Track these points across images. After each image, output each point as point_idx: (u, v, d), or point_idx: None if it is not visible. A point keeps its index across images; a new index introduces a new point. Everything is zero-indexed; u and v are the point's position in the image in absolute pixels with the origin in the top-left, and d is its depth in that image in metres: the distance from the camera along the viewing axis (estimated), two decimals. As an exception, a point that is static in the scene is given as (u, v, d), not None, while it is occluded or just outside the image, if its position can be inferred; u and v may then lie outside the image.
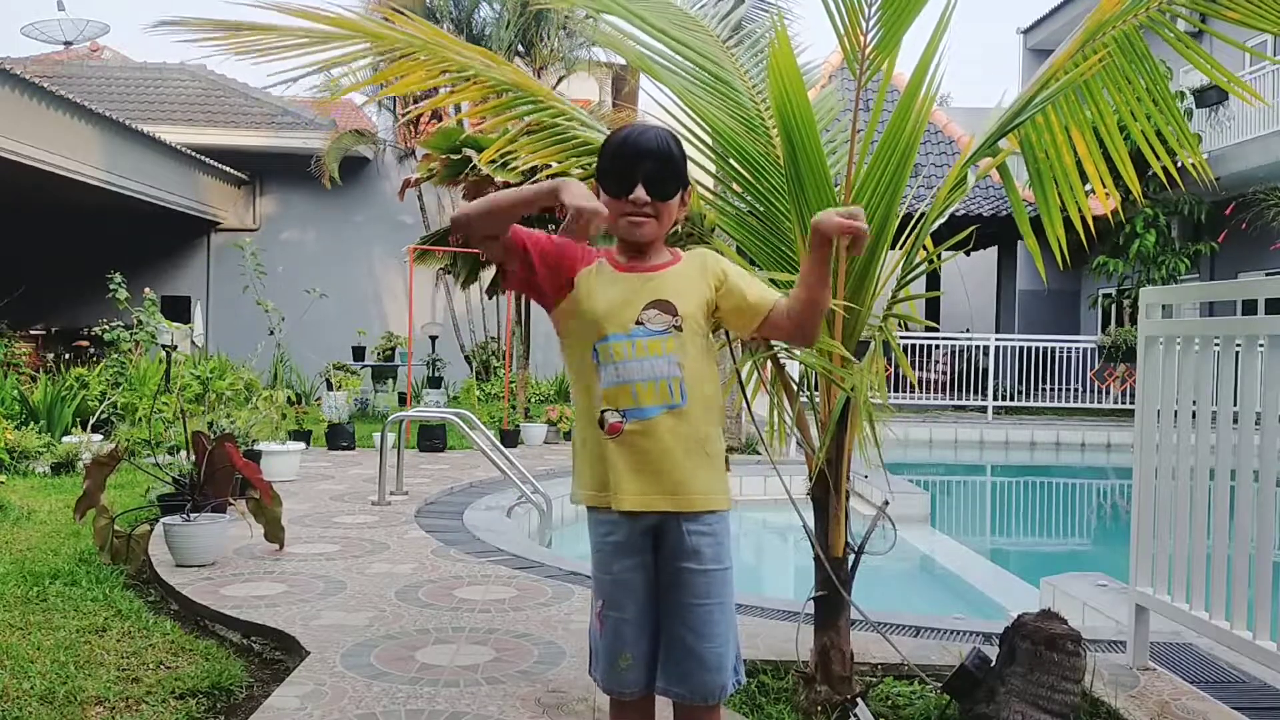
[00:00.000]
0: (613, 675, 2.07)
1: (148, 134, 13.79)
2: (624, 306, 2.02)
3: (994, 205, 15.92)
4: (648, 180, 2.00)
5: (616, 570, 2.06)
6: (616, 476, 2.00)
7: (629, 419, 1.99)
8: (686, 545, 2.02)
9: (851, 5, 2.80)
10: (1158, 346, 3.42)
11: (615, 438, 2.00)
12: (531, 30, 15.60)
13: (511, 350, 11.93)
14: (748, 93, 3.28)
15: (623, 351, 2.00)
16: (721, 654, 2.04)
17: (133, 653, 3.50)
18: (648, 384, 1.99)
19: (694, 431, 2.02)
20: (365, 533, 5.64)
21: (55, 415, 8.89)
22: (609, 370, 2.00)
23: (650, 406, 1.99)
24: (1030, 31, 22.71)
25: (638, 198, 2.00)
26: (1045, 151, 3.04)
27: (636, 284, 2.04)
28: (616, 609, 2.05)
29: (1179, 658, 3.58)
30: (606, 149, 2.06)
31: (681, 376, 2.01)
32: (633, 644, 2.05)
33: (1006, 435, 14.02)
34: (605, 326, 2.01)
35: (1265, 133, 14.12)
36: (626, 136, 2.04)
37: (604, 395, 2.01)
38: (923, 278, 2.98)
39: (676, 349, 2.01)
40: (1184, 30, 2.98)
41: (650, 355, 2.00)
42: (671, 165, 2.03)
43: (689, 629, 2.02)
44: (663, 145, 2.03)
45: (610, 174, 2.03)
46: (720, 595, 2.04)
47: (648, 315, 2.01)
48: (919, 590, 6.88)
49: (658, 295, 2.02)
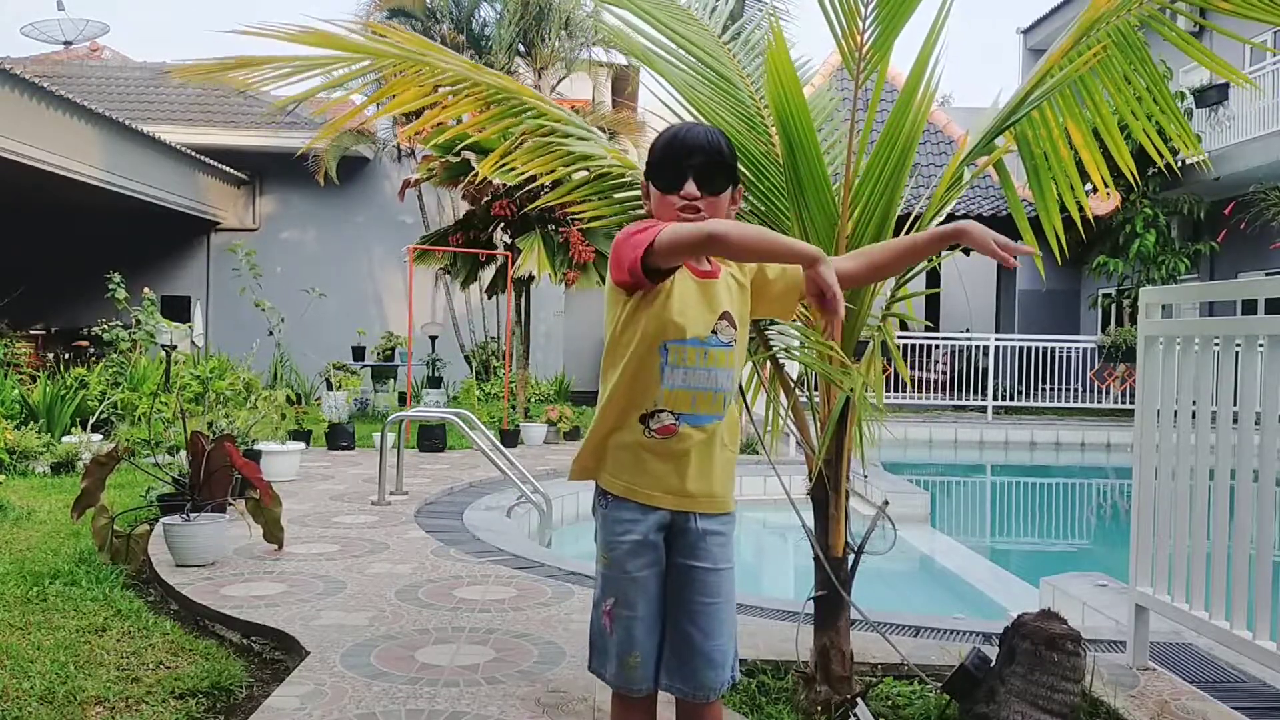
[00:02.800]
0: (623, 674, 2.08)
1: (148, 134, 13.77)
2: (705, 311, 2.03)
3: (994, 205, 15.93)
4: (698, 175, 2.01)
5: (632, 569, 2.06)
6: (654, 476, 2.03)
7: (683, 423, 2.01)
8: (700, 546, 2.06)
9: (848, 5, 2.80)
10: (1158, 346, 3.42)
11: (664, 439, 2.01)
12: (532, 30, 15.59)
13: (511, 350, 11.92)
14: (748, 90, 3.27)
15: (695, 358, 2.01)
16: (725, 651, 2.07)
17: (133, 653, 3.50)
18: (707, 394, 2.02)
19: (726, 441, 2.09)
20: (365, 533, 5.64)
21: (55, 415, 8.88)
22: (677, 373, 2.00)
23: (705, 415, 2.03)
24: (1030, 31, 22.72)
25: (688, 192, 2.01)
26: (1043, 147, 3.03)
27: (710, 290, 2.05)
28: (629, 608, 2.06)
29: (1179, 658, 3.58)
30: (656, 145, 2.08)
31: (730, 390, 2.06)
32: (642, 642, 2.06)
33: (1006, 435, 14.02)
34: (687, 329, 2.00)
35: (1265, 133, 14.11)
36: (676, 133, 2.06)
37: (665, 396, 2.01)
38: (921, 276, 2.97)
39: (735, 363, 2.06)
40: (1184, 28, 2.98)
41: (718, 366, 2.03)
42: (721, 160, 2.04)
43: (697, 627, 2.05)
44: (712, 141, 2.04)
45: (661, 169, 2.04)
46: (726, 594, 2.10)
47: (721, 325, 2.03)
48: (919, 590, 6.88)
49: (726, 306, 2.05)
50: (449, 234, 11.25)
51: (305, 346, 13.99)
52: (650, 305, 2.00)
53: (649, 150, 2.11)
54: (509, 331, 12.10)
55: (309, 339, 14.55)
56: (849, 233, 2.89)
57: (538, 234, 10.51)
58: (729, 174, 2.06)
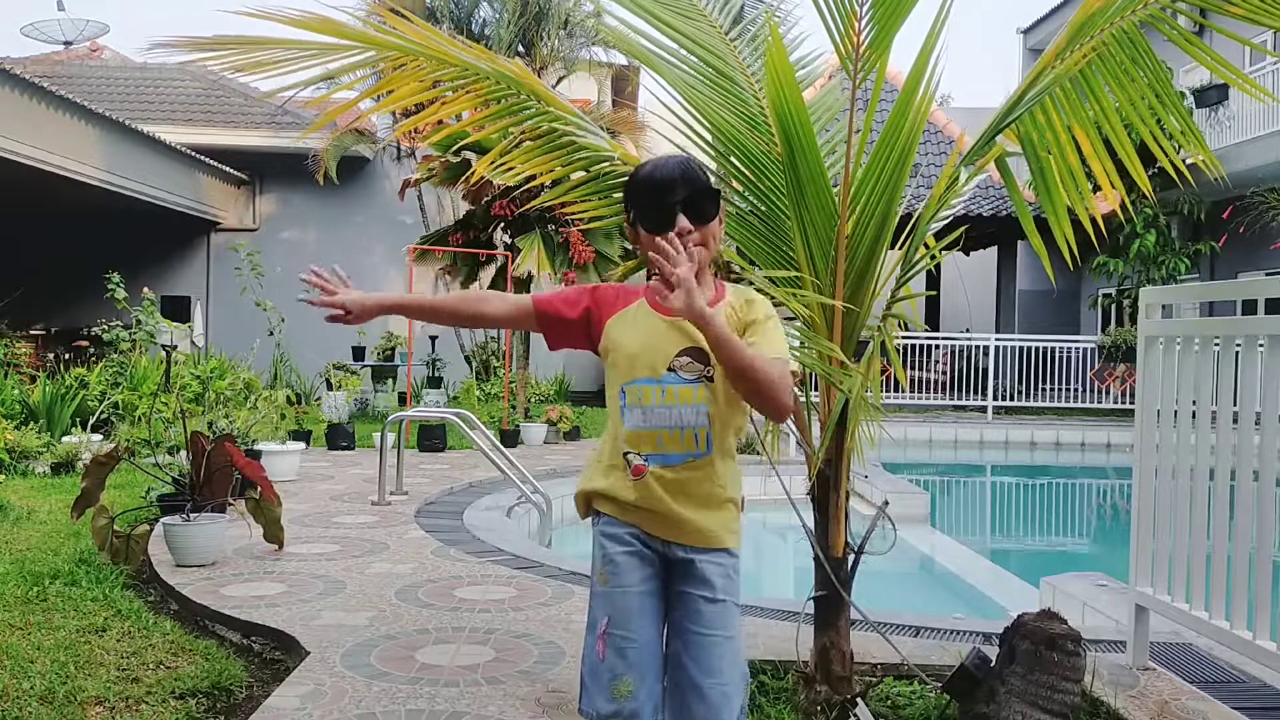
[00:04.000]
0: (612, 702, 1.93)
1: (148, 134, 13.78)
2: (656, 351, 1.97)
3: (994, 205, 15.92)
4: (687, 207, 1.95)
5: (626, 584, 1.98)
6: (634, 499, 1.98)
7: (651, 463, 1.97)
8: (697, 572, 1.98)
9: (845, 6, 2.80)
10: (1158, 346, 3.42)
11: (637, 479, 1.98)
12: (531, 30, 15.60)
13: (511, 350, 11.92)
14: (750, 89, 3.26)
15: (651, 397, 1.96)
16: (726, 692, 1.93)
17: (133, 653, 3.50)
18: (674, 431, 1.95)
19: (713, 480, 1.99)
20: (365, 533, 5.64)
21: (55, 415, 8.88)
22: (634, 414, 1.97)
23: (674, 454, 1.96)
24: (1030, 31, 22.73)
25: (683, 228, 1.94)
26: (1049, 151, 3.02)
27: (673, 328, 1.97)
28: (622, 628, 1.96)
29: (1179, 658, 3.58)
30: (635, 189, 2.01)
31: (709, 427, 1.96)
32: (635, 666, 1.93)
33: (1006, 435, 14.02)
34: (636, 370, 1.97)
35: (1265, 133, 14.11)
36: (651, 172, 1.99)
37: (628, 437, 1.98)
38: (922, 276, 2.96)
39: (706, 399, 1.96)
40: (1185, 26, 2.97)
41: (680, 404, 1.95)
42: (705, 188, 1.99)
43: (693, 659, 1.94)
44: (688, 169, 1.98)
45: (646, 212, 1.97)
46: (728, 629, 1.97)
47: (680, 362, 1.96)
48: (919, 590, 6.88)
49: (693, 342, 1.94)
50: (449, 234, 11.26)
51: (305, 346, 13.98)
52: (607, 354, 2.03)
53: (625, 196, 2.06)
54: (509, 331, 12.10)
55: (309, 339, 14.55)
56: (849, 233, 2.89)
57: (537, 234, 10.52)
58: (714, 196, 2.01)
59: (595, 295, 2.08)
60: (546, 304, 2.07)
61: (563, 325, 2.08)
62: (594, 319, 2.06)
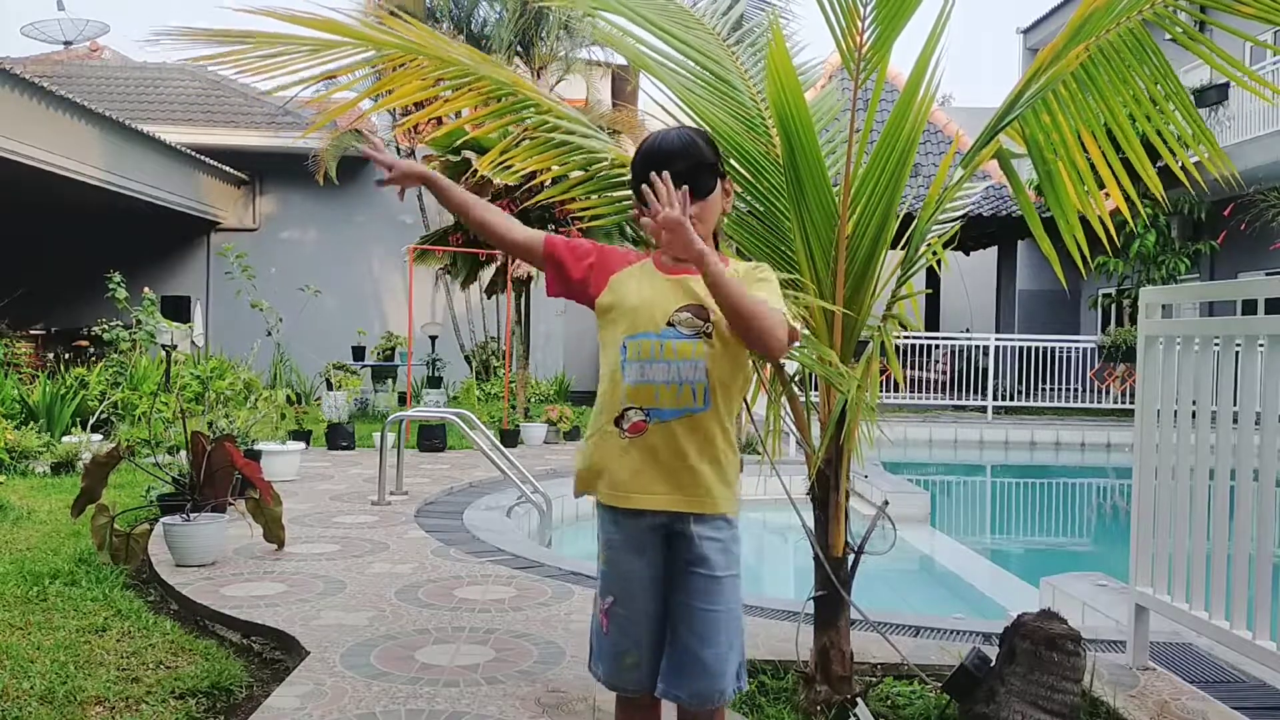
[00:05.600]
0: (616, 673, 2.08)
1: (148, 134, 13.77)
2: (657, 306, 2.03)
3: (994, 205, 15.93)
4: (685, 180, 1.99)
5: (625, 567, 2.06)
6: (628, 475, 2.02)
7: (652, 418, 2.01)
8: (695, 550, 2.03)
9: (848, 5, 2.80)
10: (1158, 346, 3.42)
11: (636, 436, 2.01)
12: (531, 30, 15.59)
13: (511, 350, 11.93)
14: (748, 91, 3.27)
15: (650, 350, 2.01)
16: (724, 659, 2.03)
17: (133, 652, 3.50)
18: (670, 386, 2.00)
19: (710, 437, 2.03)
20: (365, 533, 5.64)
21: (55, 415, 8.88)
22: (634, 368, 2.02)
23: (670, 409, 2.01)
24: (1030, 31, 22.74)
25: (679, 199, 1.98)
26: (1055, 153, 3.01)
27: (675, 286, 2.05)
28: (624, 606, 2.06)
29: (1179, 657, 3.58)
30: (635, 163, 2.07)
31: (706, 383, 2.01)
32: (638, 642, 2.05)
33: (1006, 435, 14.02)
34: (637, 324, 2.03)
35: (1265, 133, 14.11)
36: (651, 145, 2.06)
37: (628, 392, 2.02)
38: (922, 274, 2.96)
39: (705, 354, 2.01)
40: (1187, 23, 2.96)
41: (678, 358, 2.00)
42: (703, 159, 2.04)
43: (693, 633, 2.02)
44: (688, 142, 2.04)
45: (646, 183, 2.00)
46: (726, 602, 2.04)
47: (680, 317, 2.02)
48: (919, 590, 6.88)
49: (693, 299, 2.02)
50: (449, 233, 11.26)
51: (305, 346, 13.99)
52: (607, 309, 2.09)
53: (630, 169, 2.11)
54: (509, 331, 12.10)
55: (309, 339, 14.56)
56: (849, 233, 2.89)
57: (537, 234, 10.50)
58: (714, 170, 2.06)
59: (603, 251, 2.15)
60: (554, 247, 2.14)
61: (564, 270, 2.14)
62: (596, 271, 2.12)
